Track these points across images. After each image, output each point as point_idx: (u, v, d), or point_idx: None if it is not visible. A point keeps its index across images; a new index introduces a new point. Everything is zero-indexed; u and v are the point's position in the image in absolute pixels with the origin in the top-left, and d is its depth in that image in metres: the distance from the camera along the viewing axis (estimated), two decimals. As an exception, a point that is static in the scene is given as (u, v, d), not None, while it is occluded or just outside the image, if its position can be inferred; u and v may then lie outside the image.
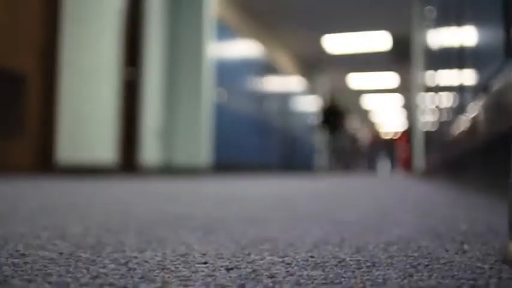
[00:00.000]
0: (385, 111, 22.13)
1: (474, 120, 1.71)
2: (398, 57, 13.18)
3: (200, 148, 6.76)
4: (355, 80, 16.19)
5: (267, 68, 9.99)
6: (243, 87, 8.53)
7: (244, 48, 8.66)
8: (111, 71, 5.04)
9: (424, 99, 7.05)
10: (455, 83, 2.60)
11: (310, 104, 13.77)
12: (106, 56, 5.03)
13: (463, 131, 2.12)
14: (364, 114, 21.50)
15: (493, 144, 1.56)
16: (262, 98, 9.66)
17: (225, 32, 7.68)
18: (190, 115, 6.75)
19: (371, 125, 14.37)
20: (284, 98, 11.34)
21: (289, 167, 11.77)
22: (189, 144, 6.75)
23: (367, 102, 19.95)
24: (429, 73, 5.93)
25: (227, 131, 7.81)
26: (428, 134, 6.33)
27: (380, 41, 11.94)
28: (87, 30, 5.09)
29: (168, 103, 6.73)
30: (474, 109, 1.71)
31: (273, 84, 10.42)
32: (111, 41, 5.05)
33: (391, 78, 15.89)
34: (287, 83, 11.57)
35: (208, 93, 6.86)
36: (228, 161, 7.85)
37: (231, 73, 7.98)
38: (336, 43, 12.24)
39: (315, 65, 14.67)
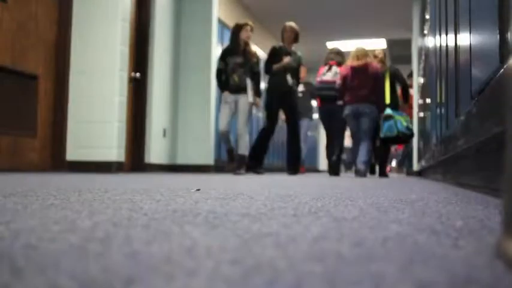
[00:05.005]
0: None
1: (469, 121, 1.74)
2: (398, 63, 13.40)
3: (205, 147, 6.79)
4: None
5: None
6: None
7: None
8: (119, 72, 5.07)
9: (421, 101, 7.05)
10: (451, 86, 2.62)
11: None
12: (114, 58, 5.06)
13: (458, 131, 2.15)
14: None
15: (487, 145, 1.59)
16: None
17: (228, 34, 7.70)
18: (195, 116, 6.78)
19: None
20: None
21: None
22: (194, 143, 6.79)
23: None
24: (426, 77, 5.96)
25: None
26: (424, 134, 6.34)
27: (379, 47, 12.04)
28: (95, 33, 5.12)
29: (174, 104, 6.76)
30: (469, 111, 1.74)
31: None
32: (119, 42, 5.08)
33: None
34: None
35: (213, 93, 6.89)
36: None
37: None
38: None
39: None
